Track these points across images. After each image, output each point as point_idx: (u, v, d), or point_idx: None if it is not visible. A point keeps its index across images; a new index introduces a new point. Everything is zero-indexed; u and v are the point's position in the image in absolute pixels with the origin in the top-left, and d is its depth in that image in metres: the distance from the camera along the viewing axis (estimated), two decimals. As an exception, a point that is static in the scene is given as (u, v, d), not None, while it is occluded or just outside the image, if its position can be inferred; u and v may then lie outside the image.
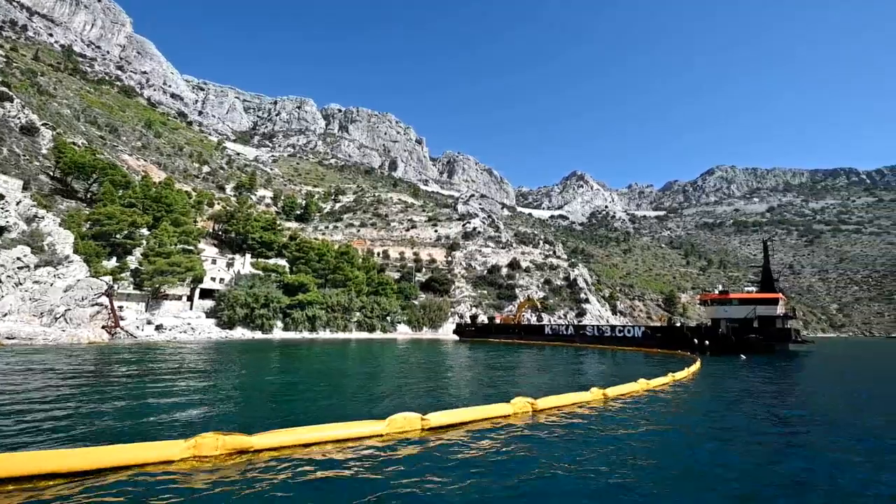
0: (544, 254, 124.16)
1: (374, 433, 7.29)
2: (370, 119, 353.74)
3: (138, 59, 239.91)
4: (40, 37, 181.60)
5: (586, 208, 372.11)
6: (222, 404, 11.27)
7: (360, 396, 13.01)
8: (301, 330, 57.12)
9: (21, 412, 9.29)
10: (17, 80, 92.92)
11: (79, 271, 39.91)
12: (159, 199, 60.01)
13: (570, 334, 51.46)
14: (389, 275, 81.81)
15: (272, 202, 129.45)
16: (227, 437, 6.07)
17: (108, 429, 8.16)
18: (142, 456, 5.59)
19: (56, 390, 12.23)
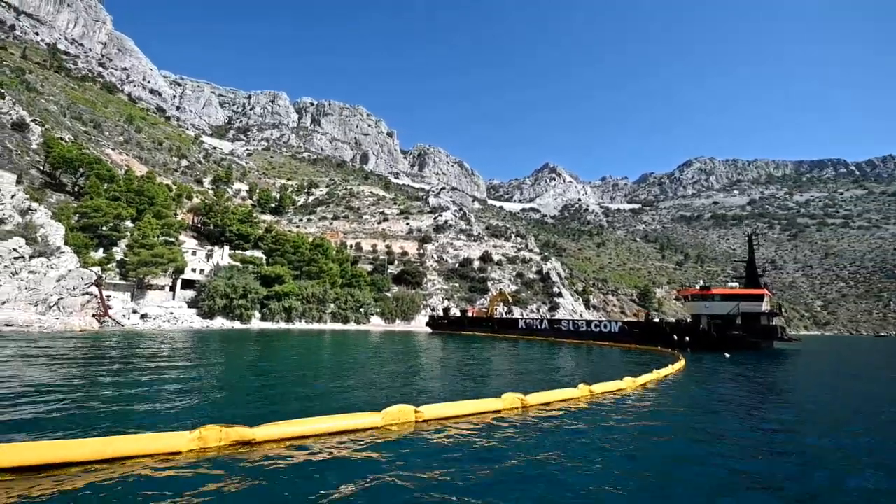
0: (516, 247, 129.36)
1: (371, 425, 7.48)
2: (342, 112, 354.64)
3: (119, 56, 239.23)
4: (27, 35, 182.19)
5: (559, 201, 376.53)
6: (212, 394, 11.67)
7: (343, 388, 13.36)
8: (278, 320, 60.58)
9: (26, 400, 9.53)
10: (6, 78, 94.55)
11: (70, 262, 43.89)
12: (142, 193, 63.83)
13: (544, 328, 51.28)
14: (362, 267, 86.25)
15: (248, 195, 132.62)
16: (230, 428, 6.28)
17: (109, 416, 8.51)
18: (151, 446, 5.78)
19: (58, 377, 12.76)
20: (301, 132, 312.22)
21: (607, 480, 5.90)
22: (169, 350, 23.65)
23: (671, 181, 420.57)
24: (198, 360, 20.04)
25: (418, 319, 79.02)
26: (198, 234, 75.31)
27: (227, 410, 9.83)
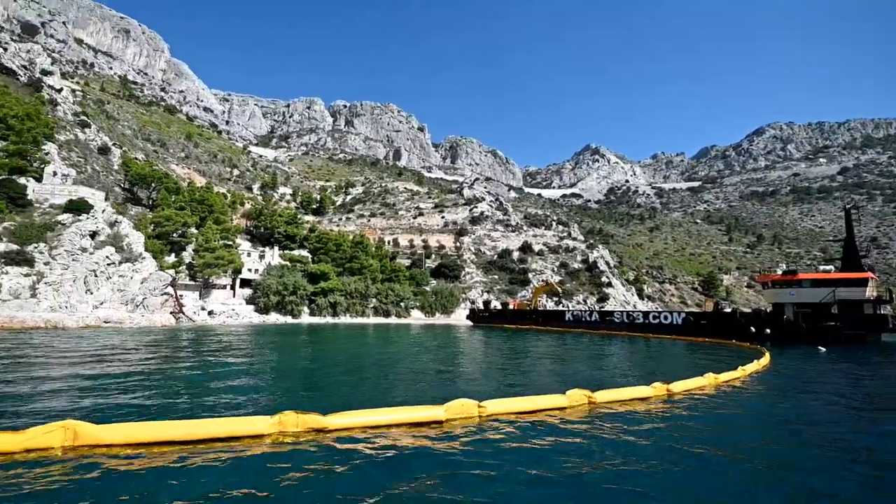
0: (558, 236, 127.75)
1: (434, 418, 7.58)
2: (373, 111, 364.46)
3: (176, 80, 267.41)
4: (103, 70, 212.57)
5: (603, 184, 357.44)
6: (278, 382, 12.85)
7: (395, 380, 13.81)
8: (325, 315, 66.03)
9: (130, 385, 11.01)
10: (91, 110, 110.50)
11: (150, 266, 51.96)
12: (203, 202, 72.68)
13: (594, 321, 49.43)
14: (401, 262, 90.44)
15: (292, 198, 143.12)
16: (305, 415, 6.67)
17: (196, 400, 9.63)
18: (238, 429, 6.35)
19: (153, 366, 14.91)
20: (336, 134, 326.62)
21: (698, 490, 5.44)
22: (236, 343, 26.40)
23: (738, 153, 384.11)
24: (260, 351, 22.25)
25: (458, 313, 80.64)
26: (251, 236, 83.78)
27: (293, 398, 10.72)
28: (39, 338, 26.25)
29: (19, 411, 8.91)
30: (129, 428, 6.15)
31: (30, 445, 5.58)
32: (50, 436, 5.70)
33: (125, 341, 25.51)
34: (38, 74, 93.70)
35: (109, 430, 5.96)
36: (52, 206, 49.30)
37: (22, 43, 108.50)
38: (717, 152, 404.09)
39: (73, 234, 46.45)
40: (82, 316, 39.93)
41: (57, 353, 19.31)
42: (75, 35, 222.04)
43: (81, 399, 10.14)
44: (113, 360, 17.12)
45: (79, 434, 5.82)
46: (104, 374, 13.72)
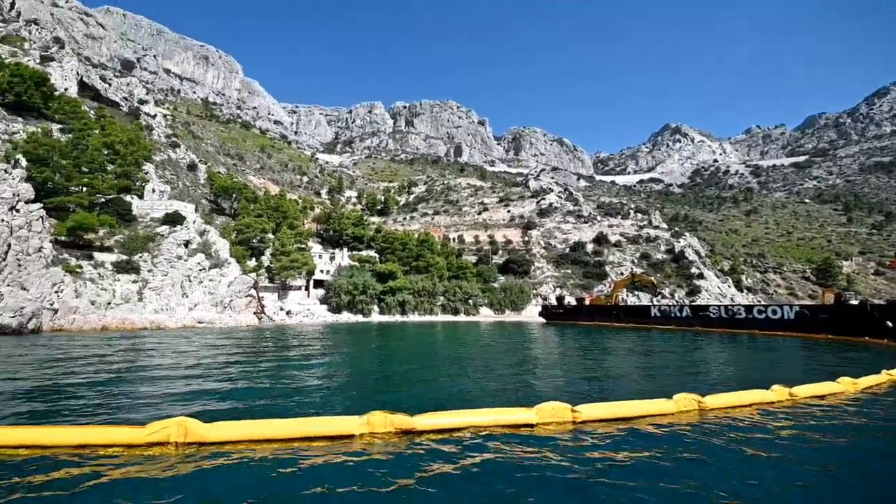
0: (637, 225, 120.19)
1: (524, 421, 7.44)
2: (432, 109, 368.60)
3: (249, 98, 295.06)
4: (188, 95, 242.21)
5: (686, 166, 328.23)
6: (359, 381, 13.22)
7: (474, 380, 13.48)
8: (394, 313, 68.21)
9: (232, 382, 11.91)
10: (180, 131, 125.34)
11: (235, 270, 56.71)
12: (277, 209, 78.24)
13: (685, 316, 45.76)
14: (467, 259, 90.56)
15: (357, 201, 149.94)
16: (394, 416, 6.73)
17: (286, 398, 10.15)
18: (329, 429, 6.54)
19: (244, 365, 15.91)
20: (397, 135, 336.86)
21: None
22: (315, 342, 27.84)
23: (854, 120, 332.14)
24: (338, 350, 23.27)
25: (529, 309, 79.26)
26: (321, 239, 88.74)
27: (373, 397, 10.89)
28: (147, 337, 29.45)
29: (138, 406, 9.88)
30: (232, 426, 6.49)
31: (151, 440, 6.16)
32: (166, 431, 6.21)
33: (218, 340, 27.96)
34: (136, 104, 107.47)
35: (215, 428, 6.35)
36: (153, 219, 55.72)
37: (122, 77, 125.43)
38: (826, 120, 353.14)
39: (171, 243, 52.11)
40: (180, 317, 44.42)
41: (164, 352, 21.40)
42: (164, 66, 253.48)
43: (187, 396, 10.97)
44: (210, 359, 18.61)
45: (189, 431, 6.25)
46: (204, 374, 14.85)
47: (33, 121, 60.78)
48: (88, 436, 6.15)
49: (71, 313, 36.73)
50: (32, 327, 32.37)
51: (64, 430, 6.32)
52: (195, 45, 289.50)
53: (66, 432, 6.22)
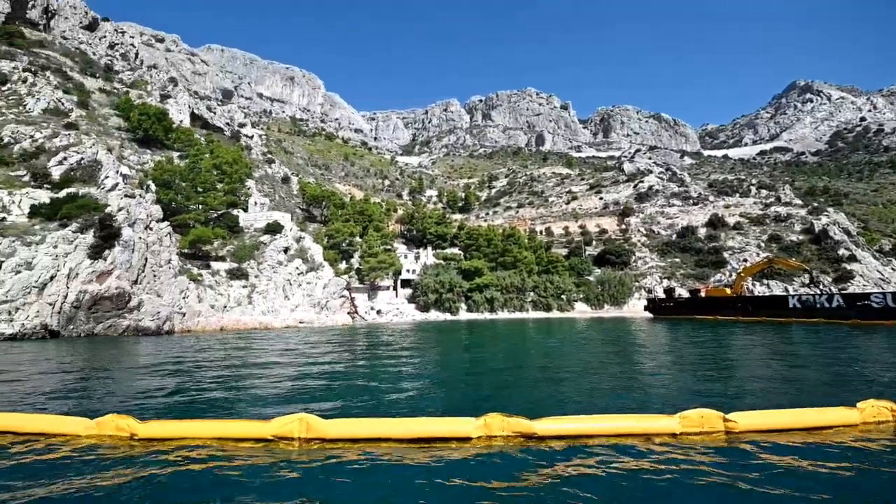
0: (762, 202, 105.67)
1: (665, 430, 6.74)
2: (510, 99, 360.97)
3: (331, 110, 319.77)
4: (277, 114, 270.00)
5: (822, 129, 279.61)
6: (455, 380, 13.53)
7: (583, 381, 12.91)
8: (482, 311, 68.65)
9: (341, 378, 12.79)
10: (273, 148, 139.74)
11: (328, 273, 60.86)
12: (363, 213, 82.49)
13: (836, 307, 40.47)
14: (557, 252, 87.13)
15: (438, 199, 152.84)
16: (511, 419, 6.53)
17: (388, 393, 10.65)
18: (445, 429, 6.50)
19: (347, 362, 16.93)
20: (474, 130, 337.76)
21: None
22: (408, 340, 29.02)
23: None
24: (431, 348, 23.88)
25: (631, 303, 75.15)
26: (405, 239, 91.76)
27: (476, 397, 10.77)
28: (258, 337, 32.38)
29: (257, 400, 10.72)
30: (350, 424, 6.69)
31: (277, 434, 6.53)
32: (290, 426, 6.55)
33: (318, 339, 30.08)
34: (237, 127, 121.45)
35: (334, 425, 6.58)
36: (256, 229, 61.93)
37: (223, 105, 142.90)
38: None
39: (272, 250, 57.46)
40: (284, 318, 48.64)
41: (274, 350, 23.30)
42: (257, 90, 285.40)
43: (299, 391, 11.69)
44: (315, 356, 20.15)
45: (310, 426, 6.52)
46: (312, 370, 15.84)
47: (158, 151, 71.47)
48: (223, 429, 6.78)
49: (195, 316, 42.07)
50: (167, 329, 37.65)
51: (203, 423, 6.99)
52: (281, 67, 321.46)
53: (206, 426, 6.89)
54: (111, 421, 6.79)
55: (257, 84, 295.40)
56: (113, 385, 13.37)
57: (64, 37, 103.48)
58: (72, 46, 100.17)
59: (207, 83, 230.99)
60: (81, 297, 34.23)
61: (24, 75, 70.12)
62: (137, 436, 6.64)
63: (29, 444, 6.66)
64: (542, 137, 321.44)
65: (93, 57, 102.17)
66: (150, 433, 6.68)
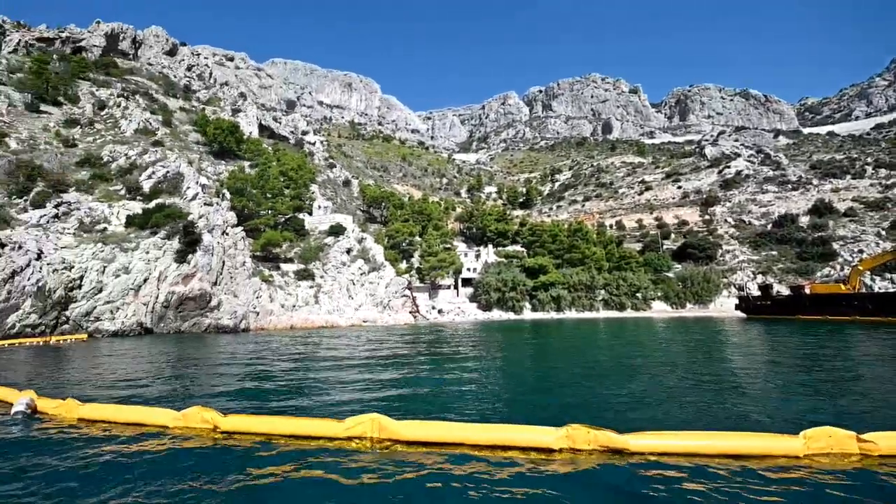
0: (881, 184, 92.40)
1: (787, 451, 5.96)
2: (572, 88, 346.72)
3: (388, 113, 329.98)
4: (337, 120, 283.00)
5: None
6: (527, 384, 12.87)
7: (668, 390, 11.71)
8: (548, 310, 66.71)
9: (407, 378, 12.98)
10: (334, 153, 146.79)
11: (390, 273, 62.35)
12: (422, 212, 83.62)
13: None
14: (629, 247, 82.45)
15: (497, 196, 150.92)
16: (598, 431, 6.06)
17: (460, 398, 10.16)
18: (526, 438, 6.16)
19: (418, 364, 16.95)
20: (534, 123, 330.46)
21: None
22: (472, 340, 28.95)
23: None
24: (495, 348, 23.57)
25: (719, 302, 69.57)
26: (465, 238, 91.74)
27: (547, 403, 10.30)
28: (325, 336, 33.77)
29: (326, 397, 10.98)
30: (424, 426, 6.60)
31: (350, 434, 6.62)
32: (362, 426, 6.60)
33: (382, 337, 30.87)
34: (300, 135, 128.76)
35: (407, 427, 6.54)
36: (320, 231, 65.04)
37: (287, 115, 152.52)
38: None
39: (336, 252, 60.03)
40: (348, 317, 50.53)
41: (342, 348, 24.12)
42: (318, 99, 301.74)
43: (367, 388, 11.93)
44: (379, 355, 20.68)
45: (383, 427, 6.55)
46: (378, 368, 16.20)
47: (231, 161, 77.65)
48: (298, 426, 6.90)
49: (268, 315, 44.99)
50: (243, 327, 40.62)
51: (279, 420, 7.15)
52: (340, 75, 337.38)
53: (282, 422, 7.04)
54: (196, 413, 7.26)
55: (318, 92, 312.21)
56: (198, 378, 14.72)
57: (149, 63, 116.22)
58: (156, 71, 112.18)
59: (272, 95, 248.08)
60: (170, 297, 37.95)
61: (118, 100, 79.74)
62: (220, 428, 7.02)
63: (126, 433, 7.32)
64: (609, 125, 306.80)
65: (174, 79, 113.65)
66: (231, 426, 7.01)
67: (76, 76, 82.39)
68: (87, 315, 34.85)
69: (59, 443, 6.95)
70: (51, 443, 6.98)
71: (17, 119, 62.82)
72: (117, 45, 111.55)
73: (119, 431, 7.40)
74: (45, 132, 62.33)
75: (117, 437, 7.13)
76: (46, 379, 15.02)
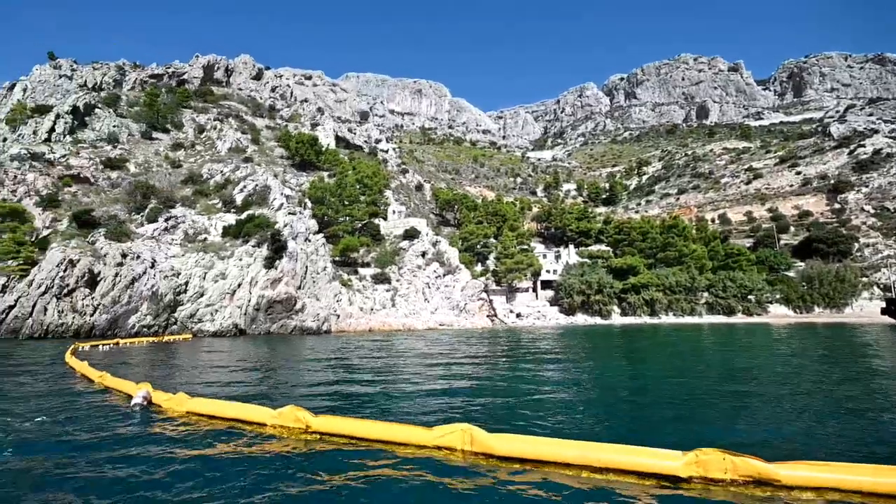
0: None
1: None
2: (659, 71, 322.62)
3: (458, 115, 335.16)
4: (407, 126, 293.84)
5: None
6: (625, 397, 11.91)
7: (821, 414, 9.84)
8: (640, 314, 62.55)
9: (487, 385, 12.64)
10: (406, 158, 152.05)
11: (465, 276, 62.36)
12: (496, 213, 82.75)
13: None
14: (736, 243, 74.38)
15: (577, 193, 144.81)
16: (736, 458, 5.21)
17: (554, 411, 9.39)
18: (640, 462, 5.39)
19: (498, 369, 16.99)
20: (615, 113, 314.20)
21: None
22: (552, 345, 28.12)
23: None
24: (582, 356, 22.67)
25: (857, 305, 61.78)
26: (543, 238, 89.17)
27: (656, 420, 9.15)
28: (402, 338, 34.42)
29: (409, 401, 10.92)
30: (520, 441, 6.14)
31: (440, 443, 6.33)
32: (452, 437, 6.29)
33: (460, 341, 30.77)
34: (374, 143, 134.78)
35: (502, 441, 6.10)
36: (395, 236, 67.00)
37: (361, 125, 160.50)
38: None
39: (411, 255, 61.38)
40: (424, 320, 51.29)
41: (421, 352, 24.31)
42: (389, 107, 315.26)
43: (452, 396, 11.71)
44: (460, 359, 20.42)
45: (475, 439, 6.17)
46: (458, 374, 15.97)
47: (311, 172, 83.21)
48: (386, 432, 6.81)
49: (348, 318, 47.08)
50: (326, 329, 42.92)
51: (368, 423, 7.15)
52: (409, 82, 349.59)
53: (370, 426, 7.02)
54: (290, 412, 7.50)
55: (389, 101, 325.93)
56: (289, 377, 15.64)
57: (239, 88, 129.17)
58: (245, 95, 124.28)
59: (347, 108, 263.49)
60: (260, 300, 41.24)
61: (214, 123, 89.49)
62: (311, 428, 7.21)
63: (228, 427, 7.95)
64: (704, 109, 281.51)
65: (260, 101, 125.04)
66: (322, 427, 7.18)
67: (180, 105, 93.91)
68: (192, 317, 39.02)
69: (169, 434, 7.69)
70: (162, 434, 7.69)
71: (135, 146, 73.01)
72: (213, 74, 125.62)
73: (221, 425, 8.02)
74: (157, 156, 71.67)
75: (220, 431, 7.72)
76: (159, 372, 16.98)
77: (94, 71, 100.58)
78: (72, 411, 9.62)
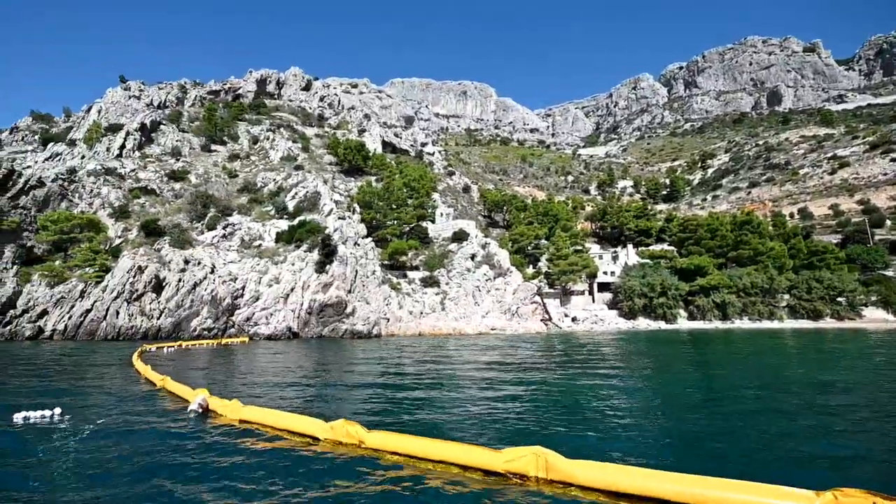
0: None
1: None
2: (723, 57, 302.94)
3: (504, 115, 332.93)
4: (454, 129, 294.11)
5: None
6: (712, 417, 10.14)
7: None
8: (709, 318, 58.35)
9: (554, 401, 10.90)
10: (452, 161, 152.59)
11: (517, 278, 60.86)
12: (547, 213, 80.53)
13: None
14: (821, 240, 67.65)
15: (634, 190, 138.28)
16: (884, 501, 4.40)
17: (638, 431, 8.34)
18: (766, 500, 4.72)
19: (564, 380, 16.47)
20: (674, 104, 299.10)
21: None
22: (615, 353, 26.64)
23: None
24: (648, 364, 21.45)
25: None
26: (598, 238, 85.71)
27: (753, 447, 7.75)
28: (453, 343, 33.82)
29: (467, 415, 10.18)
30: (605, 470, 5.44)
31: (509, 468, 5.74)
32: (524, 461, 5.73)
33: (513, 347, 29.82)
34: (419, 147, 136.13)
35: (583, 468, 5.50)
36: (444, 238, 66.79)
37: (407, 130, 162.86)
38: None
39: (460, 258, 60.84)
40: (475, 324, 50.47)
41: (474, 359, 23.66)
42: (434, 111, 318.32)
43: (511, 410, 10.79)
44: (517, 370, 19.54)
45: (550, 465, 5.63)
46: (515, 383, 15.35)
47: (359, 177, 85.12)
48: (448, 452, 6.31)
49: (397, 321, 47.24)
50: (376, 332, 43.26)
51: (426, 442, 6.66)
52: (454, 85, 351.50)
53: (429, 445, 6.54)
54: (342, 426, 7.32)
55: (434, 105, 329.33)
56: (341, 384, 15.50)
57: (290, 99, 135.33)
58: (295, 106, 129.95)
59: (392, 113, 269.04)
60: (312, 304, 42.29)
61: (267, 134, 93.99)
62: (364, 444, 7.00)
63: (280, 438, 7.87)
64: (776, 94, 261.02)
65: (309, 111, 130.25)
66: (376, 443, 6.93)
67: (236, 118, 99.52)
68: (248, 320, 40.67)
69: (223, 443, 7.75)
70: (217, 442, 7.84)
71: (196, 158, 78.02)
72: (265, 87, 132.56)
73: (273, 435, 7.99)
74: (215, 167, 76.13)
75: (272, 442, 7.66)
76: (218, 375, 17.51)
77: (160, 90, 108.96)
78: (132, 415, 10.05)
